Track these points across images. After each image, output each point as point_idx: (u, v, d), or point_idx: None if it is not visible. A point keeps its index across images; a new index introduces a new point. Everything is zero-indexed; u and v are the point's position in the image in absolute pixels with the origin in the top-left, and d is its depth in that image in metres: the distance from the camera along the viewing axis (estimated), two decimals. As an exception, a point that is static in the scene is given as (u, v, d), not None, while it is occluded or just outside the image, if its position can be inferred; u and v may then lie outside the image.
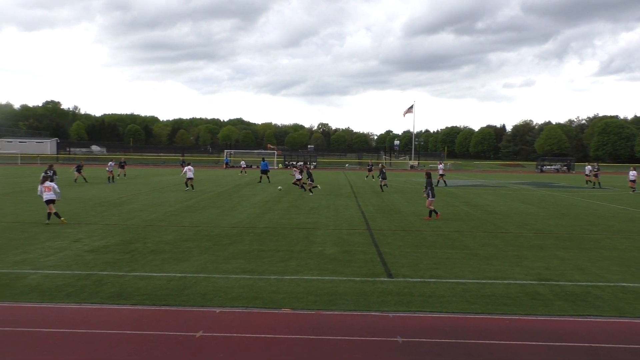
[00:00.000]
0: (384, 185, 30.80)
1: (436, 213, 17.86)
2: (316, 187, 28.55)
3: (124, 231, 14.35)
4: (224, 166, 67.02)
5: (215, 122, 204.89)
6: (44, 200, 15.75)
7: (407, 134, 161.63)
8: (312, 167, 60.49)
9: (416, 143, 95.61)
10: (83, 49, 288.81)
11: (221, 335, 6.63)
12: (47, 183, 15.97)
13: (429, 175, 18.50)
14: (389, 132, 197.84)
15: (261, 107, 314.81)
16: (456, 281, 9.47)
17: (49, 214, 15.52)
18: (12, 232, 13.85)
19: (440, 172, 37.14)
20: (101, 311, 7.53)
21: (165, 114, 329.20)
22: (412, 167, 77.27)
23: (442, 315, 7.60)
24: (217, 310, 7.63)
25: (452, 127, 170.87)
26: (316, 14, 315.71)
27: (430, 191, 17.86)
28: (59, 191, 16.16)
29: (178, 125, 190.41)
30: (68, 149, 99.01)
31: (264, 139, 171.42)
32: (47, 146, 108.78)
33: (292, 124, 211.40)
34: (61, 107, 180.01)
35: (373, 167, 44.84)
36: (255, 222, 16.64)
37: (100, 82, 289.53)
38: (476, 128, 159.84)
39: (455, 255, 11.76)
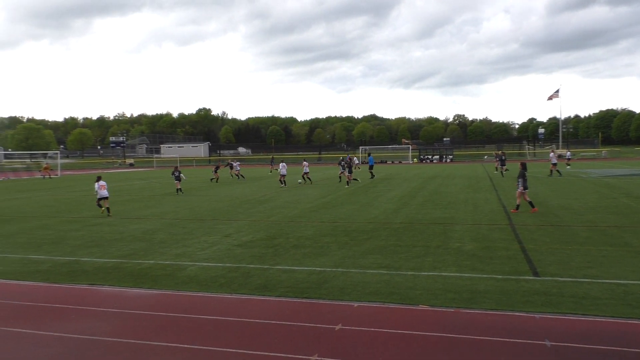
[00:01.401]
0: (504, 170, 33.61)
1: (533, 206, 17.12)
2: (356, 179, 29.76)
3: (268, 227, 15.29)
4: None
5: (350, 120, 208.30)
6: (98, 197, 18.91)
7: (553, 121, 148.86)
8: (428, 160, 58.68)
9: (564, 130, 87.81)
10: (229, 58, 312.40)
11: (359, 329, 6.77)
12: (102, 182, 19.06)
13: (523, 166, 17.78)
14: (532, 120, 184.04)
15: (394, 102, 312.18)
16: (615, 282, 8.54)
17: (107, 208, 18.82)
18: (174, 228, 15.51)
19: (553, 160, 34.89)
20: (249, 301, 8.13)
21: (303, 114, 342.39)
22: (559, 156, 71.18)
23: (598, 319, 6.92)
24: (355, 304, 7.79)
25: (608, 111, 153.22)
26: (450, 2, 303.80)
27: (522, 182, 17.18)
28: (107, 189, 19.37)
29: (315, 124, 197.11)
30: (218, 152, 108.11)
31: (398, 133, 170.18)
32: (201, 150, 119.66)
33: (426, 117, 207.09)
34: (211, 114, 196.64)
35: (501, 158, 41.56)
36: (391, 217, 16.64)
37: (244, 87, 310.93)
38: (638, 110, 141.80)
39: (613, 253, 10.60)
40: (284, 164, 31.54)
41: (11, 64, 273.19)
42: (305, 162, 32.04)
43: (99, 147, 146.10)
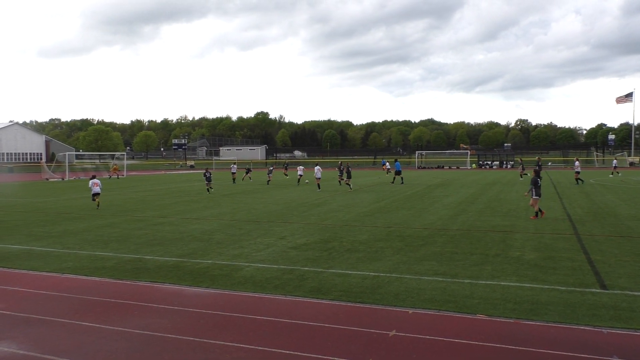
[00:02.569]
0: (523, 174, 38.07)
1: (541, 212, 17.17)
2: (348, 184, 31.41)
3: (322, 230, 15.36)
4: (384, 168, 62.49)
5: (407, 124, 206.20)
6: (92, 193, 22.15)
7: (625, 127, 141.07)
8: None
9: (637, 136, 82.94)
10: (288, 62, 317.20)
11: (414, 336, 6.66)
12: (95, 180, 22.41)
13: (536, 173, 17.59)
14: (601, 126, 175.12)
15: (453, 106, 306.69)
16: (692, 298, 7.96)
17: (96, 202, 22.14)
18: (231, 229, 15.87)
19: (577, 169, 34.41)
20: (303, 304, 8.18)
21: (359, 118, 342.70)
22: (631, 164, 67.31)
23: (672, 337, 6.47)
24: (410, 311, 7.68)
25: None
26: (516, 3, 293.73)
27: (534, 189, 17.08)
28: (101, 187, 22.62)
29: (371, 128, 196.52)
30: (275, 155, 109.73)
31: (456, 138, 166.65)
32: (258, 152, 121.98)
33: (486, 121, 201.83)
34: (269, 117, 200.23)
35: (525, 166, 41.68)
36: (448, 223, 16.30)
37: (302, 91, 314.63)
38: None
39: (690, 268, 9.90)
40: (319, 167, 32.31)
41: (85, 69, 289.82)
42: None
43: (162, 149, 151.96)
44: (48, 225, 17.30)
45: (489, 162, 74.11)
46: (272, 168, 41.40)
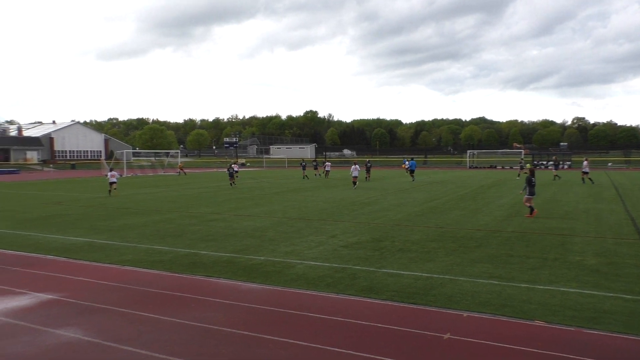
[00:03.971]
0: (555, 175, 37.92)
1: (532, 210, 17.80)
2: (354, 182, 32.37)
3: (373, 229, 15.29)
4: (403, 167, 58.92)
5: (457, 122, 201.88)
6: (109, 182, 27.62)
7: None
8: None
9: None
10: (336, 60, 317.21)
11: (469, 340, 6.53)
12: (113, 172, 28.14)
13: (531, 172, 18.15)
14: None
15: (506, 104, 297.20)
16: None
17: (110, 190, 27.57)
18: (283, 226, 16.06)
19: (585, 169, 34.46)
20: (355, 303, 8.18)
21: (408, 117, 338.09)
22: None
23: None
24: (464, 313, 7.54)
25: None
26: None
27: (528, 188, 17.76)
28: (118, 177, 29.13)
29: (420, 127, 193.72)
30: (324, 153, 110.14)
31: (509, 137, 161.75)
32: (307, 151, 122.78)
33: (540, 120, 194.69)
34: (318, 116, 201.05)
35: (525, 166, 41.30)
36: (503, 225, 15.87)
37: (350, 90, 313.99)
38: None
39: None
40: (357, 166, 32.78)
41: (140, 71, 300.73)
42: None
43: (214, 147, 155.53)
44: (108, 220, 18.08)
45: (544, 162, 71.47)
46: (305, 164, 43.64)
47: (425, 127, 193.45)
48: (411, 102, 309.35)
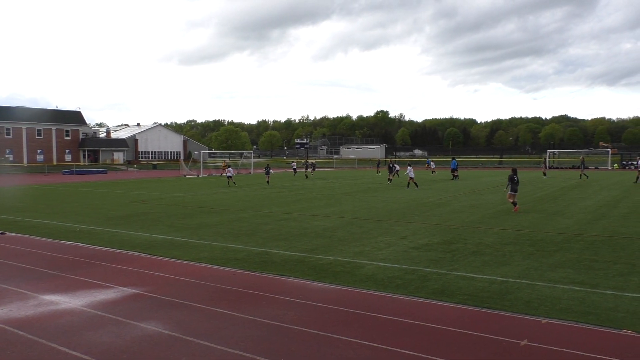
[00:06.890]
0: (582, 174, 39.35)
1: (514, 205, 19.41)
2: (390, 180, 37.73)
3: (444, 231, 14.94)
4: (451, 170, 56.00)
5: (537, 121, 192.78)
6: (227, 176, 37.40)
7: None
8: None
9: None
10: (410, 59, 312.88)
11: (548, 347, 6.21)
12: (229, 169, 38.37)
13: (513, 171, 20.03)
14: None
15: (592, 101, 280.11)
16: None
17: (228, 182, 36.38)
18: (352, 227, 16.07)
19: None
20: (426, 305, 8.03)
21: (483, 116, 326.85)
22: None
23: None
24: (543, 320, 7.18)
25: None
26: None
27: (510, 185, 19.71)
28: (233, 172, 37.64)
29: (496, 126, 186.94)
30: (394, 153, 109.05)
31: (594, 136, 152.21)
32: (378, 151, 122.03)
33: (631, 117, 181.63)
34: (389, 116, 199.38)
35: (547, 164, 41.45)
36: (586, 228, 14.97)
37: (422, 89, 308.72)
38: None
39: None
40: (411, 167, 33.21)
41: (217, 74, 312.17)
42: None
43: (285, 148, 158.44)
44: (186, 218, 18.90)
45: (635, 162, 66.52)
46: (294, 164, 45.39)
47: (502, 126, 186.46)
48: (487, 100, 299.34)
